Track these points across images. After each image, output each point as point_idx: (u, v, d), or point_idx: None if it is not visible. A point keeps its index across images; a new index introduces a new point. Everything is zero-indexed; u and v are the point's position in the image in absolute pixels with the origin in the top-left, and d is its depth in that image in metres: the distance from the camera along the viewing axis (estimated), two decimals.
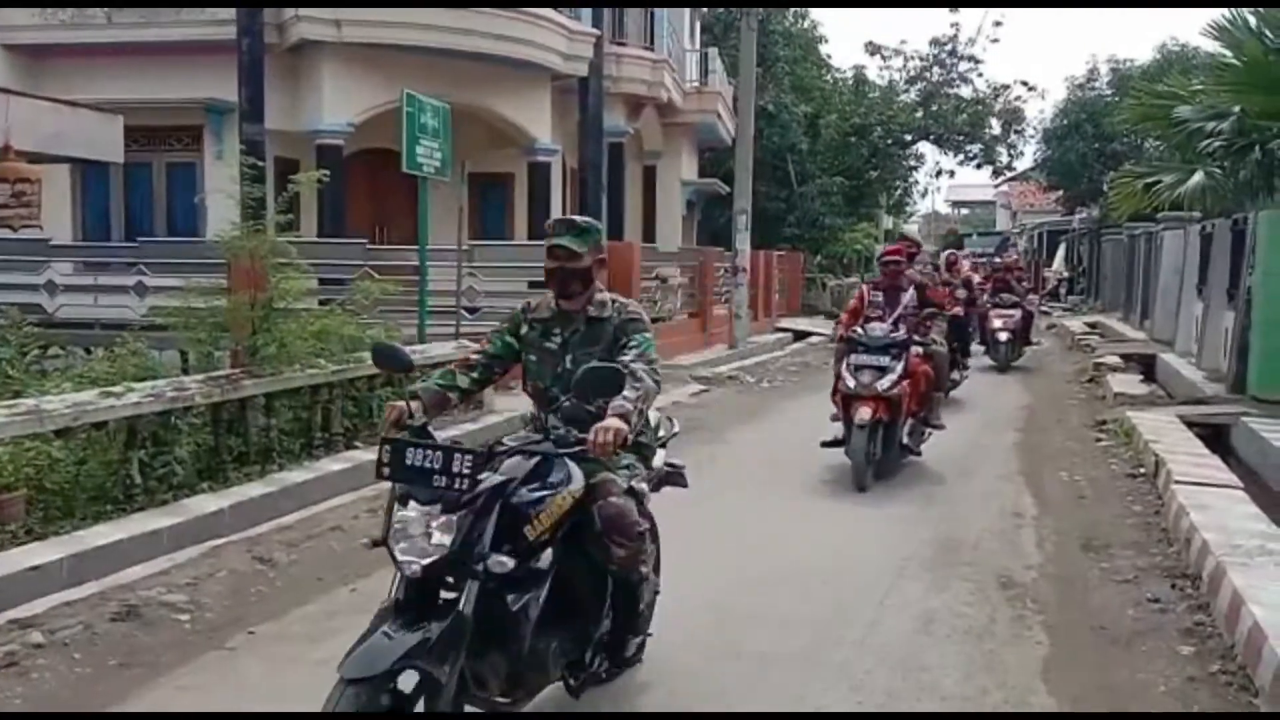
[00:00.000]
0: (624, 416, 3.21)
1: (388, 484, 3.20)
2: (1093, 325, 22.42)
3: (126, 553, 5.36)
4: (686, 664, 4.22)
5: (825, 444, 7.93)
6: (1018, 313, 15.37)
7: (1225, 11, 11.10)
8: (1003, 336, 15.02)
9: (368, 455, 7.64)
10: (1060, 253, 38.48)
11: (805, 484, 7.66)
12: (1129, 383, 12.59)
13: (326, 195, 12.82)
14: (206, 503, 6.19)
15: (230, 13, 12.80)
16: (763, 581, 5.35)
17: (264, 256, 7.55)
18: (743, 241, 17.82)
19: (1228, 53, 11.29)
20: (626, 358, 3.47)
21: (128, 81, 13.39)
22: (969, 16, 39.14)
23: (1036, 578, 5.51)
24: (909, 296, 8.12)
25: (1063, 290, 34.61)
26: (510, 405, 10.35)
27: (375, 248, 13.12)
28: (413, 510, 3.02)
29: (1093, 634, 4.68)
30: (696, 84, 23.79)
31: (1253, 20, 10.97)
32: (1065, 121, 34.21)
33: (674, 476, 4.07)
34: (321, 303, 9.50)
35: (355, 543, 5.96)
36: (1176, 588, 5.24)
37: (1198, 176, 12.21)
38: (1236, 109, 11.09)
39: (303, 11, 13.69)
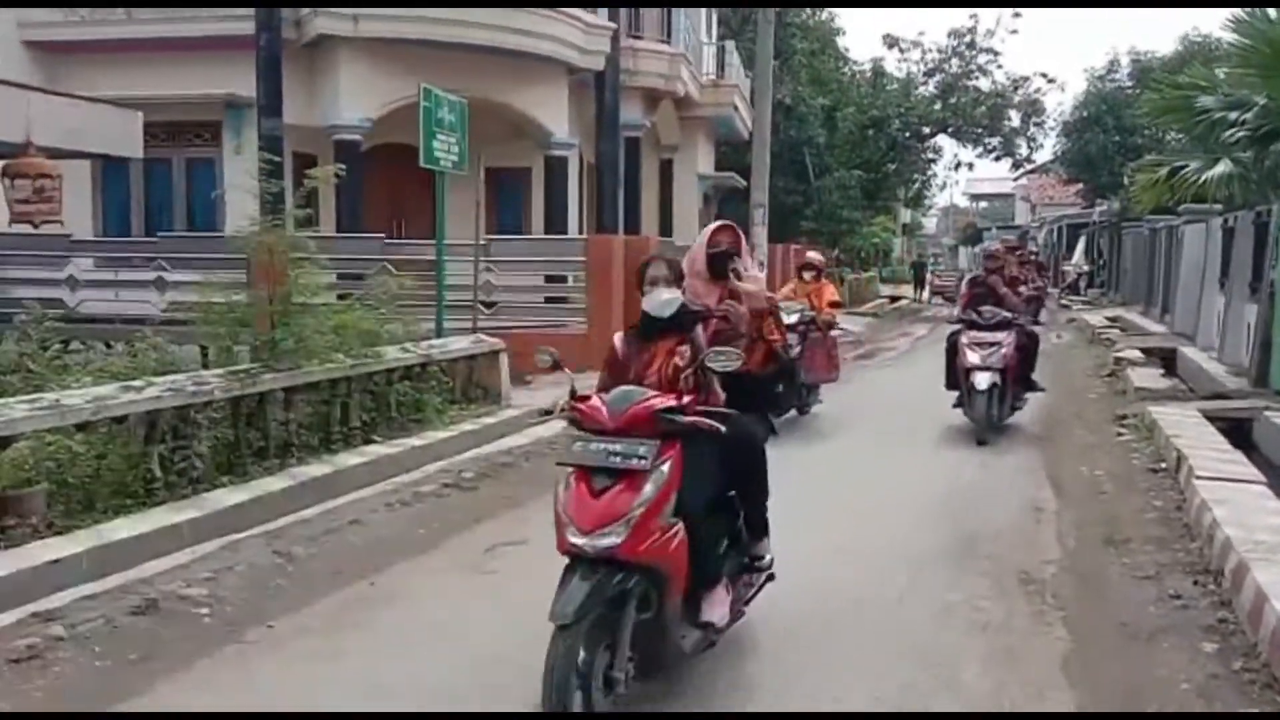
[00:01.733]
0: None
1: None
2: (1113, 319, 22.27)
3: (147, 547, 5.39)
4: (701, 659, 4.21)
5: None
6: (1007, 340, 9.24)
7: (1241, 10, 11.00)
8: (981, 382, 9.06)
9: (386, 449, 7.69)
10: (1080, 246, 38.26)
11: (824, 477, 7.64)
12: (1150, 377, 12.48)
13: (344, 190, 12.89)
14: (226, 497, 6.21)
15: (248, 9, 12.85)
16: (779, 573, 5.33)
17: (282, 251, 7.57)
18: (760, 235, 17.76)
19: (1250, 41, 11.17)
20: None
21: (147, 77, 13.49)
22: (987, 8, 39.03)
23: (1056, 572, 5.47)
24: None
25: (1082, 284, 34.39)
26: (525, 401, 10.38)
27: (393, 242, 13.17)
28: None
29: (1113, 630, 4.64)
30: (713, 77, 23.73)
31: (1273, 13, 10.86)
32: (1085, 114, 34.04)
33: None
34: (340, 297, 9.54)
35: (373, 537, 6.00)
36: (1199, 584, 5.19)
37: (1222, 165, 12.09)
38: (1261, 99, 10.98)
39: (320, 6, 13.74)
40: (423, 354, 8.94)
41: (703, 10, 24.13)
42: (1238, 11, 11.12)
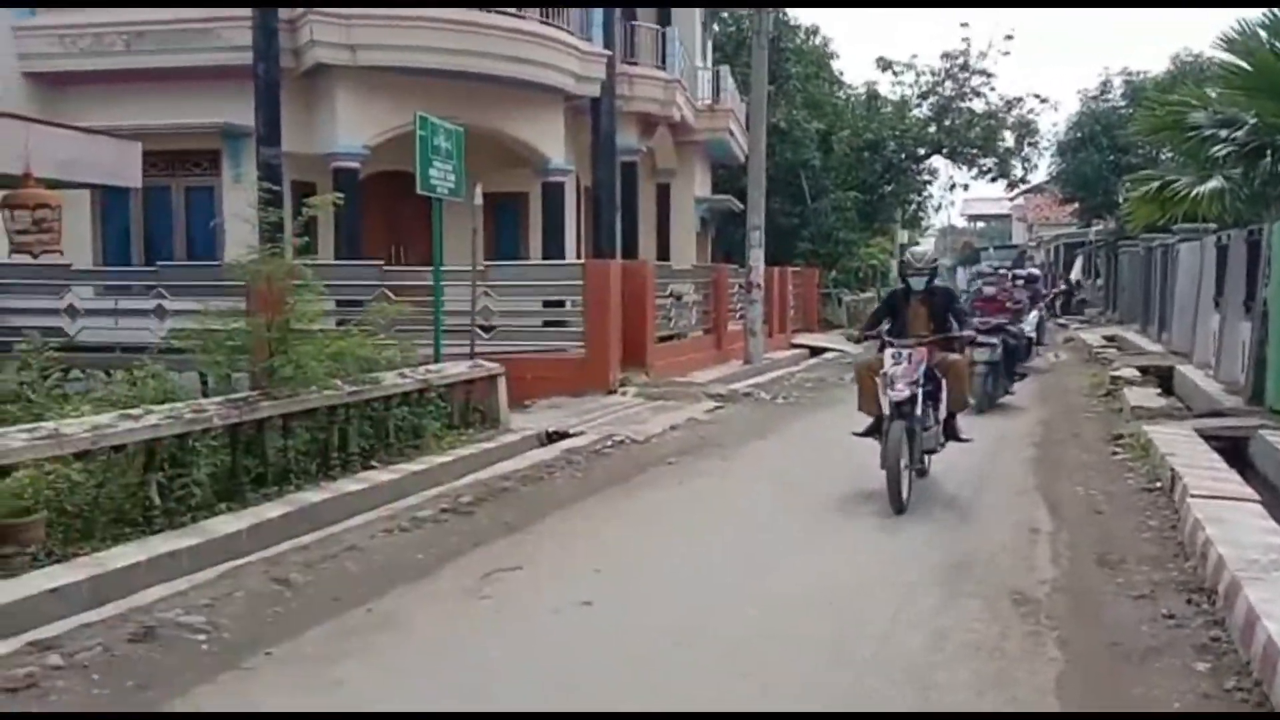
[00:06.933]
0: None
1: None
2: (1110, 338, 22.31)
3: (145, 574, 5.41)
4: (692, 684, 4.24)
5: None
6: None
7: (1234, 23, 11.13)
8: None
9: (384, 475, 7.72)
10: (1078, 265, 38.37)
11: (817, 500, 7.66)
12: (1146, 396, 12.52)
13: (343, 217, 12.97)
14: (224, 524, 6.24)
15: (246, 38, 12.97)
16: (773, 599, 5.36)
17: (281, 279, 7.63)
18: (756, 258, 17.84)
19: (1239, 60, 11.30)
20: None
21: (146, 107, 13.59)
22: (979, 29, 39.38)
23: (1050, 593, 5.49)
24: None
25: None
26: (524, 425, 10.42)
27: (391, 269, 13.24)
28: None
29: (1107, 650, 4.66)
30: (709, 102, 23.91)
31: (1263, 33, 10.99)
32: (1079, 134, 34.15)
33: None
34: (338, 324, 9.60)
35: (371, 563, 6.02)
36: (1192, 603, 5.20)
37: (1213, 181, 12.21)
38: (1250, 116, 11.08)
39: (318, 36, 13.85)
40: (421, 379, 8.98)
41: (697, 35, 24.32)
42: (1229, 30, 11.27)
